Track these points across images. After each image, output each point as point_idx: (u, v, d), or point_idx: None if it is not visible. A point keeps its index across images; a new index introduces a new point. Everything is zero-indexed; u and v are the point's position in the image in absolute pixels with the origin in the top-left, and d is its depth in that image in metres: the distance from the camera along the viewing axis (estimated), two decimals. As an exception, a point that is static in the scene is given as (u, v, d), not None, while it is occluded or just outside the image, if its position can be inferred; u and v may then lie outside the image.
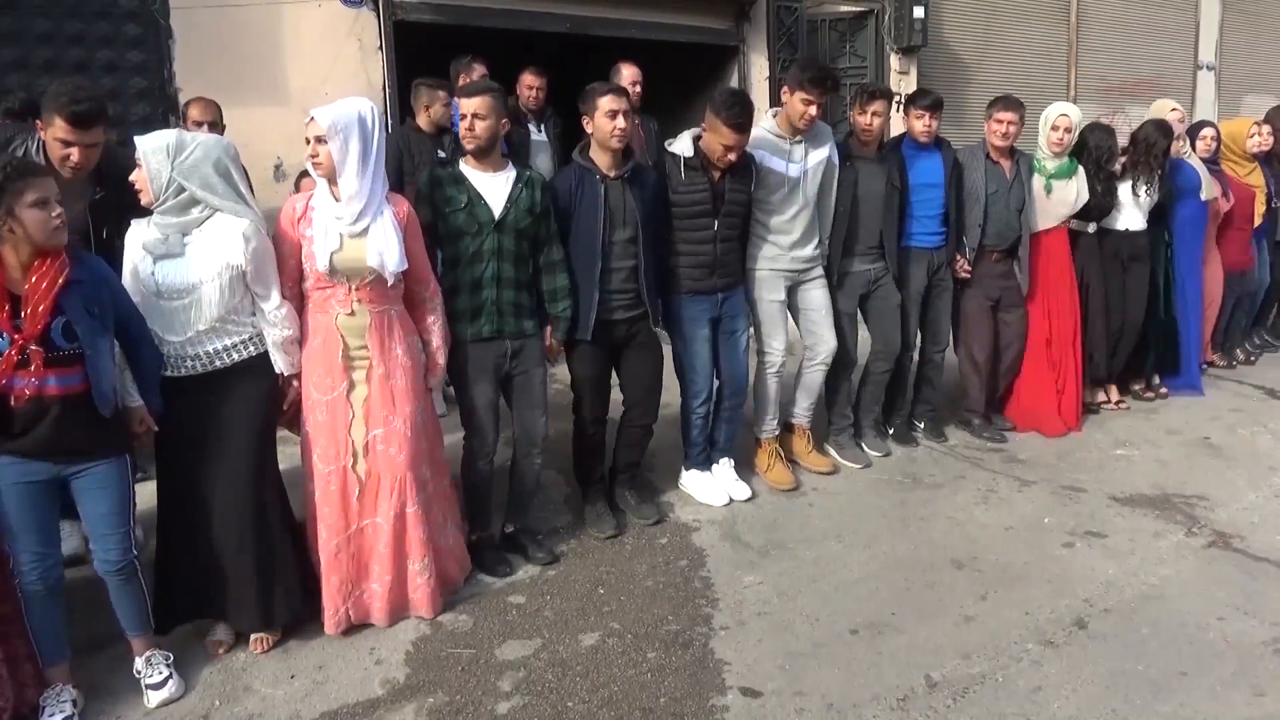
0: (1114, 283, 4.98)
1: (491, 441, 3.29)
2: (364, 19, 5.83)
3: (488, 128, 3.11)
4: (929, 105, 4.31)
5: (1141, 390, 5.32)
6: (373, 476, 2.90)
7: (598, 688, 2.68)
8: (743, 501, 3.93)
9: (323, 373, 2.86)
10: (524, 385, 3.32)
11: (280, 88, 5.57)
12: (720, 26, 7.21)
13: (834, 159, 4.02)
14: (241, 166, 2.83)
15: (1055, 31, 9.17)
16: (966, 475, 4.25)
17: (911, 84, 8.11)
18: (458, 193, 3.13)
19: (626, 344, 3.57)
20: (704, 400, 3.83)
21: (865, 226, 4.18)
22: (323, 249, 2.78)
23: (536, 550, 3.42)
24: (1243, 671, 2.71)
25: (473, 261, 3.15)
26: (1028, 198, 4.56)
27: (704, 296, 3.71)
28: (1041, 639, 2.90)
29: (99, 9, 5.24)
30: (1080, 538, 3.59)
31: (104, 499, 2.54)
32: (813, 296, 4.07)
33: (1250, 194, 5.67)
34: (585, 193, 3.37)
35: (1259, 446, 4.57)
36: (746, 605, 3.12)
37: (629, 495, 3.78)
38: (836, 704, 2.59)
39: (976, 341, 4.67)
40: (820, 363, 4.13)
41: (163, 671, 2.66)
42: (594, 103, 3.35)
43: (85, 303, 2.42)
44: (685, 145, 3.63)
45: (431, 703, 2.62)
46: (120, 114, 5.31)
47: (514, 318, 3.22)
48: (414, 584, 2.98)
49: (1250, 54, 10.40)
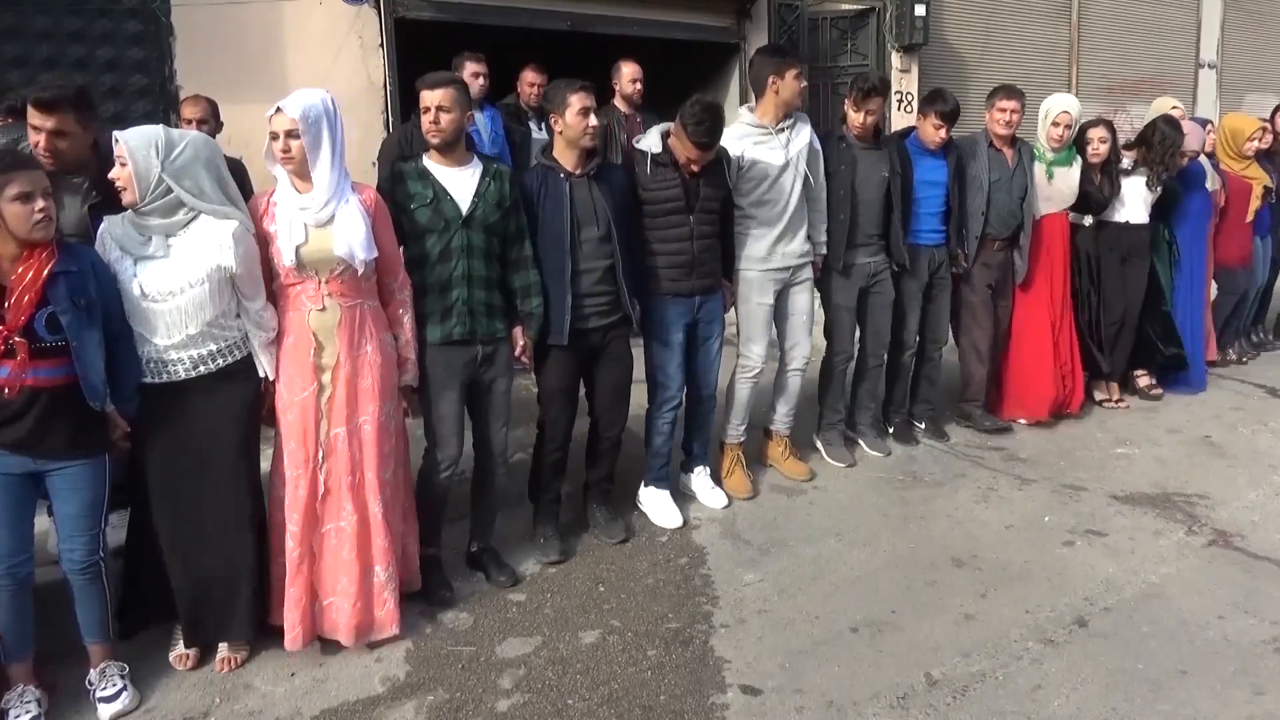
0: (1110, 275, 4.97)
1: (455, 454, 3.12)
2: (365, 16, 5.83)
3: (452, 120, 2.97)
4: (947, 115, 4.24)
5: (1148, 389, 5.27)
6: (334, 477, 2.79)
7: (598, 685, 2.68)
8: (743, 500, 3.92)
9: (293, 372, 2.76)
10: (490, 395, 3.18)
11: (281, 85, 5.56)
12: (721, 24, 7.21)
13: (815, 144, 3.96)
14: (226, 166, 2.73)
15: (1057, 29, 9.17)
16: (967, 474, 4.25)
17: (913, 82, 8.11)
18: (422, 188, 3.00)
19: (598, 353, 3.43)
20: (672, 408, 3.70)
21: (865, 215, 4.13)
22: (287, 243, 2.68)
23: (499, 573, 3.27)
24: (1243, 670, 2.71)
25: (441, 260, 3.02)
26: (1030, 185, 4.57)
27: (682, 299, 3.60)
28: (1042, 637, 2.90)
29: (100, 6, 5.24)
30: (1080, 536, 3.59)
31: (77, 498, 2.50)
32: (798, 301, 4.00)
33: (1246, 188, 5.62)
34: (550, 192, 3.26)
35: (1260, 445, 4.57)
36: (747, 603, 3.12)
37: (598, 512, 3.64)
38: (837, 702, 2.59)
39: (980, 330, 4.66)
40: (796, 369, 4.06)
41: (117, 684, 2.59)
42: (564, 100, 3.23)
43: (72, 294, 2.38)
44: (653, 141, 3.55)
45: (432, 700, 2.62)
46: (121, 111, 5.32)
47: (486, 318, 3.09)
48: (380, 599, 2.84)
49: (1252, 52, 10.39)
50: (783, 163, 3.81)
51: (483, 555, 3.34)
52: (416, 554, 3.14)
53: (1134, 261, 5.00)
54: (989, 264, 4.59)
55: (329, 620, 2.83)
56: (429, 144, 3.06)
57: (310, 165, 2.70)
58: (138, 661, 2.74)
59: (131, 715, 2.58)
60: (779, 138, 3.82)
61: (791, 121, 3.87)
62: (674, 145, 3.52)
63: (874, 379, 4.47)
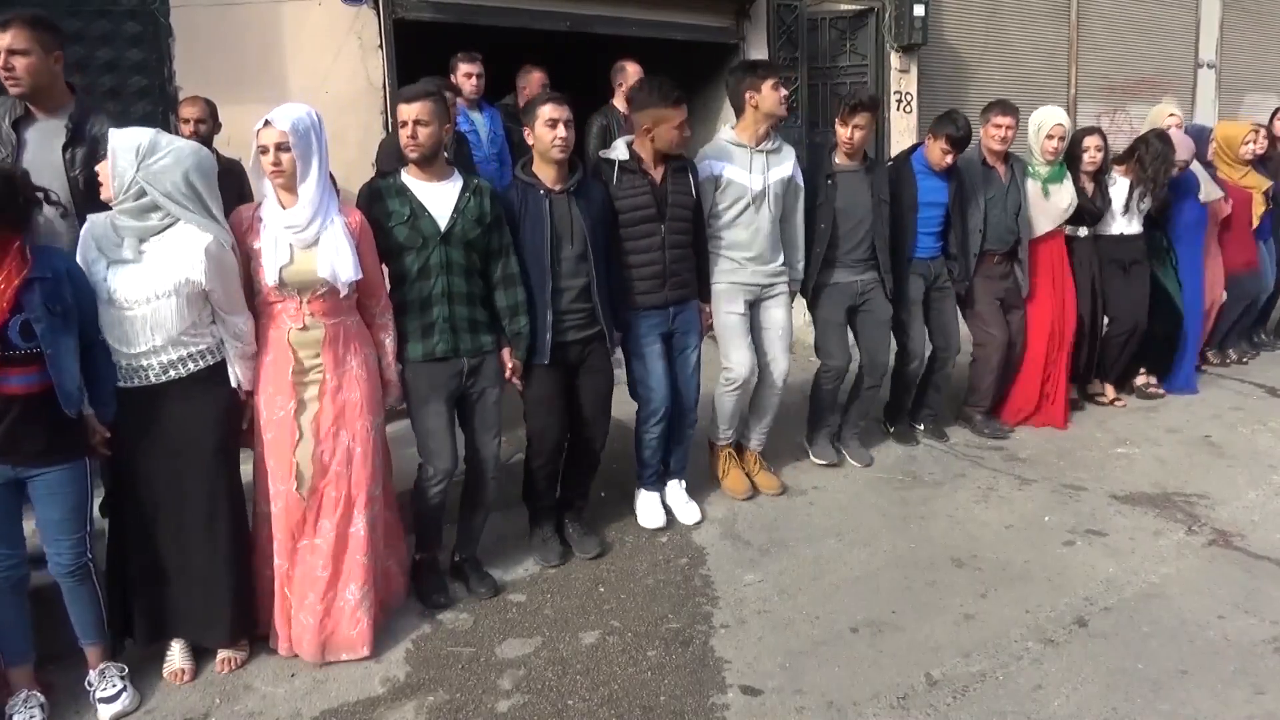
0: (1114, 286, 4.96)
1: (448, 467, 3.09)
2: (364, 17, 5.83)
3: (430, 134, 2.93)
4: (957, 142, 4.17)
5: (1145, 386, 5.30)
6: (317, 495, 2.77)
7: (598, 686, 2.68)
8: (741, 500, 3.92)
9: (273, 391, 2.74)
10: (479, 406, 3.13)
11: (280, 86, 5.56)
12: (720, 24, 7.20)
13: (798, 180, 3.90)
14: (216, 181, 2.66)
15: (1056, 30, 9.17)
16: (967, 474, 4.25)
17: (912, 82, 8.10)
18: (400, 205, 2.95)
19: (578, 368, 3.38)
20: (659, 419, 3.64)
21: (849, 239, 4.05)
22: (271, 263, 2.65)
23: (479, 584, 3.22)
24: (1243, 670, 2.71)
25: (420, 277, 2.98)
26: (1023, 201, 4.56)
27: (656, 311, 3.55)
28: (1042, 637, 2.90)
29: (99, 7, 5.23)
30: (1081, 536, 3.59)
31: (60, 503, 2.48)
32: (773, 315, 3.91)
33: (1247, 196, 5.62)
34: (530, 210, 3.20)
35: (1259, 445, 4.57)
36: (747, 603, 3.12)
37: (573, 528, 3.57)
38: (837, 702, 2.59)
39: (989, 335, 4.62)
40: (773, 385, 3.94)
41: (116, 684, 2.60)
42: (534, 113, 3.18)
43: (46, 300, 2.35)
44: (620, 150, 3.51)
45: (432, 701, 2.62)
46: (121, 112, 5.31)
47: (469, 334, 3.06)
48: (353, 618, 2.80)
49: (1251, 52, 10.39)
50: (759, 189, 3.74)
51: (465, 565, 3.30)
52: (400, 573, 3.14)
53: (1135, 270, 5.01)
54: (990, 276, 4.57)
55: (298, 637, 2.81)
56: (408, 158, 3.00)
57: (300, 179, 2.66)
58: (138, 663, 2.75)
59: (132, 716, 2.58)
60: (758, 160, 3.75)
61: (775, 145, 3.81)
62: (638, 148, 3.48)
63: (868, 400, 4.37)
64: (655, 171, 3.51)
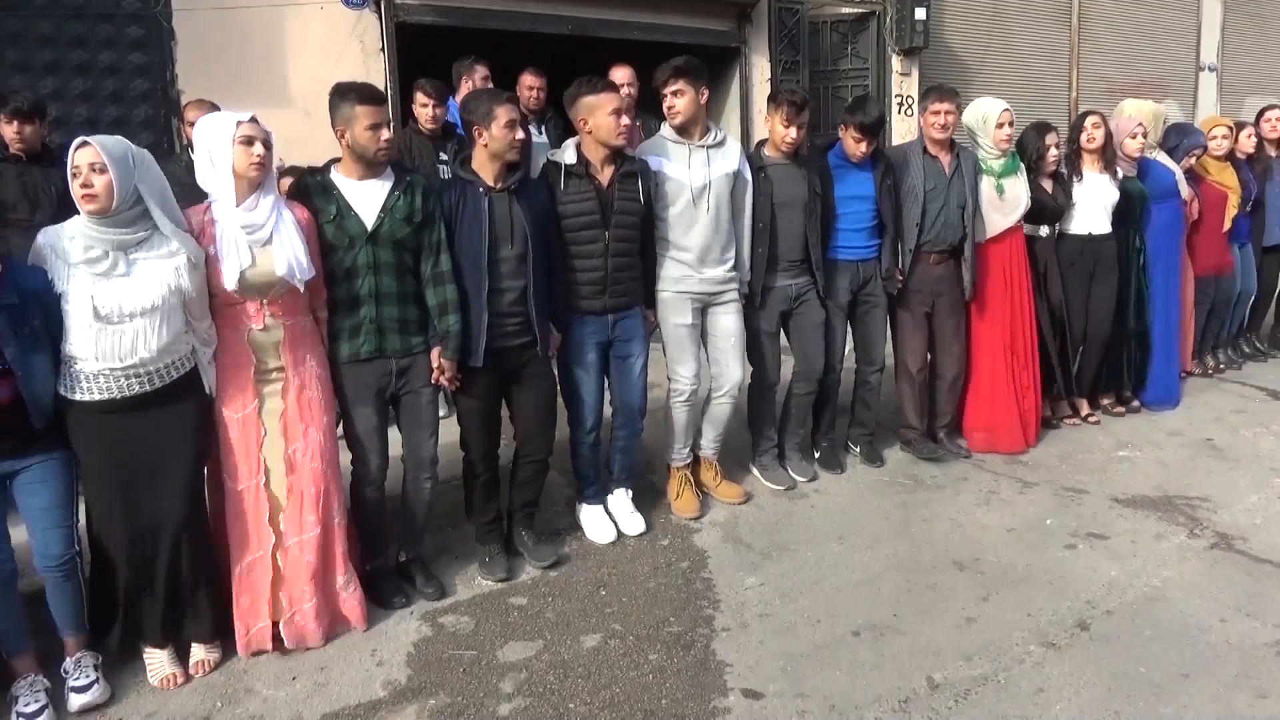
0: (1077, 291, 4.68)
1: (377, 467, 3.07)
2: (366, 21, 5.85)
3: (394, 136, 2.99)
4: (867, 128, 3.92)
5: (1111, 405, 5.04)
6: (295, 493, 2.80)
7: (599, 689, 2.68)
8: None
9: (234, 390, 2.74)
10: (412, 406, 3.10)
11: (282, 90, 5.59)
12: (722, 28, 7.23)
13: (745, 174, 3.74)
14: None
15: (1057, 33, 9.19)
16: (968, 477, 4.25)
17: (913, 85, 8.12)
18: (326, 203, 2.90)
19: (518, 374, 3.29)
20: (590, 430, 3.55)
21: (786, 239, 3.87)
22: (233, 267, 2.63)
23: (426, 584, 3.20)
24: (1245, 673, 2.70)
25: (347, 277, 2.93)
26: (970, 196, 4.21)
27: (594, 317, 3.43)
28: (1043, 641, 2.89)
29: (102, 11, 5.25)
30: (1082, 539, 3.59)
31: (43, 493, 2.52)
32: (722, 323, 3.78)
33: (1221, 195, 5.35)
34: (467, 208, 3.11)
35: (1261, 448, 4.56)
36: (748, 607, 3.12)
37: (525, 536, 3.46)
38: (838, 705, 2.59)
39: (910, 352, 4.34)
40: (726, 395, 3.83)
41: (90, 675, 2.62)
42: (489, 112, 3.08)
43: (14, 325, 2.38)
44: (569, 154, 3.40)
45: (433, 704, 2.62)
46: (123, 116, 5.34)
47: (398, 335, 3.00)
48: (341, 597, 2.89)
49: (1252, 55, 10.41)
50: (702, 183, 3.59)
51: (410, 565, 3.26)
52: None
53: (1102, 279, 4.72)
54: (925, 280, 4.24)
55: (300, 630, 2.85)
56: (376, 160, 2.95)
57: (267, 175, 2.71)
58: (138, 663, 2.76)
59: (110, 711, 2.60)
60: (697, 155, 3.60)
61: (718, 139, 3.68)
62: (586, 150, 3.41)
63: (801, 405, 4.17)
64: (603, 175, 3.39)
